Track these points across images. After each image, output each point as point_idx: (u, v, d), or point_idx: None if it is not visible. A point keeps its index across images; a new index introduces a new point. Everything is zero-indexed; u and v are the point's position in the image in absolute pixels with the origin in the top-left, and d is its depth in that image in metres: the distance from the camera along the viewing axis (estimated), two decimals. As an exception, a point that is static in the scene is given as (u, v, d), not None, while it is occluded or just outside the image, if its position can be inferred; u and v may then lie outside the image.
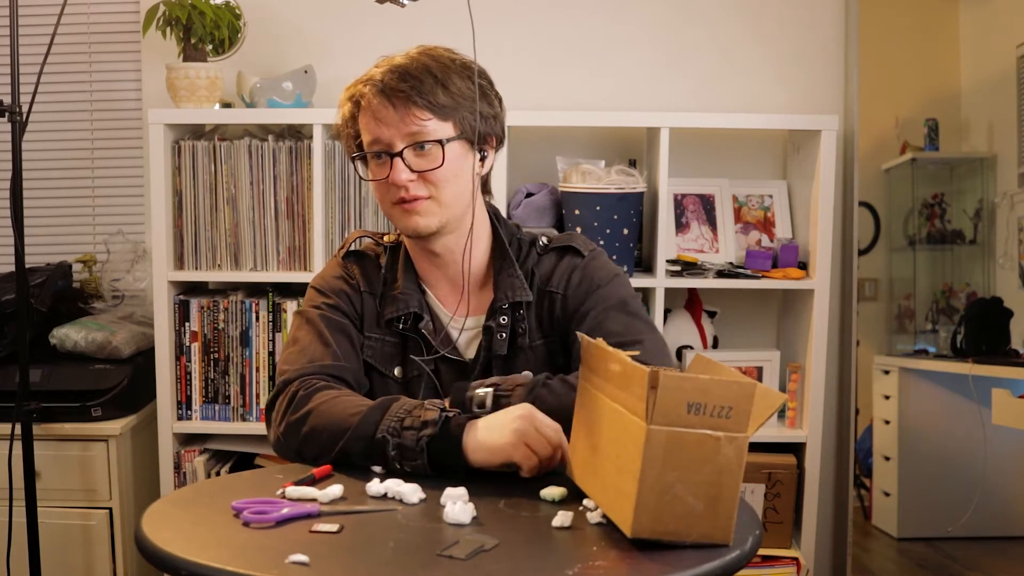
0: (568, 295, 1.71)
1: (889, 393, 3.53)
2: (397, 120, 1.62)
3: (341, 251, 1.81)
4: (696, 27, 2.95)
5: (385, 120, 1.63)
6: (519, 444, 1.44)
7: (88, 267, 2.99)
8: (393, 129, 1.63)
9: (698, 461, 1.15)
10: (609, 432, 1.26)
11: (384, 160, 1.65)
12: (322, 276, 1.80)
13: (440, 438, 1.46)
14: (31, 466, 2.42)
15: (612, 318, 1.66)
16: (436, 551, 1.16)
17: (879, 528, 3.61)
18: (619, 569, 1.13)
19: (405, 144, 1.63)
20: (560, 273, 1.73)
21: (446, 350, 1.71)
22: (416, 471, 1.47)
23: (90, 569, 2.60)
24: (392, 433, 1.48)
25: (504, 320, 1.69)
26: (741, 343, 2.95)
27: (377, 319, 1.74)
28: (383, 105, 1.62)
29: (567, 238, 1.78)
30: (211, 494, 1.42)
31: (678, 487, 1.16)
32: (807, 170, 2.73)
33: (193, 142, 2.67)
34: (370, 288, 1.76)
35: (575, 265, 1.73)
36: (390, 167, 1.64)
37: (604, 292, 1.69)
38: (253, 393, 2.69)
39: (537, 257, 1.76)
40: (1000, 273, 3.40)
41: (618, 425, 1.23)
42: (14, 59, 2.36)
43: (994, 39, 3.41)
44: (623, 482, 1.19)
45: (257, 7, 2.92)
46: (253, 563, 1.12)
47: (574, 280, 1.72)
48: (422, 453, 1.46)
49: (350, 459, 1.52)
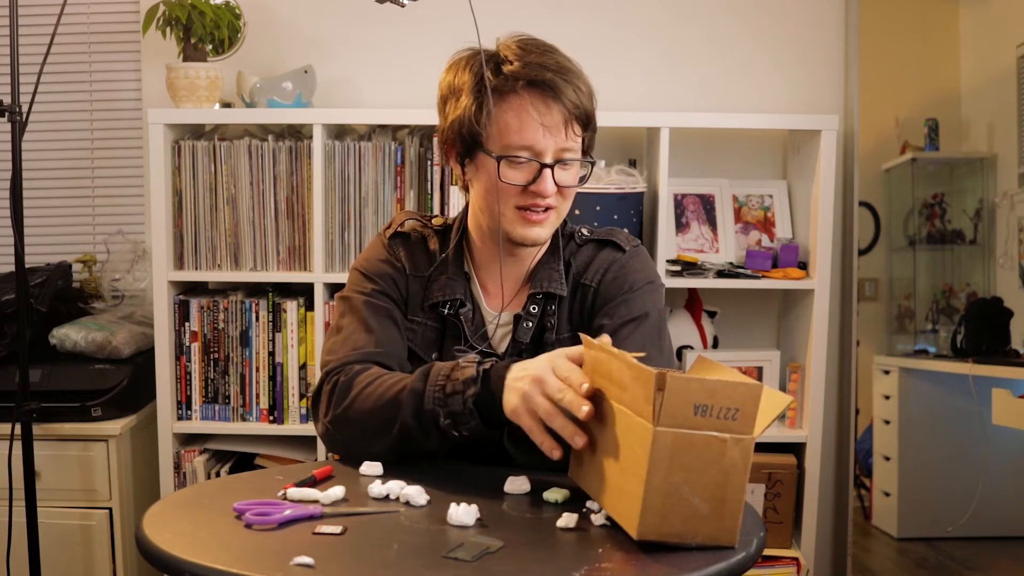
0: (600, 290, 1.67)
1: (889, 393, 3.54)
2: (559, 129, 1.57)
3: (387, 232, 1.75)
4: (696, 27, 2.95)
5: (548, 127, 1.56)
6: (524, 413, 1.38)
7: (88, 267, 2.99)
8: (550, 139, 1.56)
9: (704, 463, 1.15)
10: (613, 433, 1.25)
11: (527, 164, 1.58)
12: (365, 258, 1.73)
13: (483, 394, 1.43)
14: (31, 466, 2.41)
15: (631, 332, 1.62)
16: (441, 553, 1.15)
17: (879, 528, 3.62)
18: (625, 571, 1.13)
19: (555, 158, 1.58)
20: (597, 266, 1.69)
21: (482, 345, 1.67)
22: (474, 433, 1.45)
23: (90, 569, 2.60)
24: (439, 403, 1.45)
25: (534, 309, 1.66)
26: (741, 343, 2.95)
27: (421, 303, 1.70)
28: (548, 109, 1.56)
29: (608, 232, 1.74)
30: (212, 495, 1.42)
31: (684, 489, 1.15)
32: (807, 170, 2.73)
33: (193, 142, 2.66)
34: (416, 271, 1.71)
35: (613, 260, 1.69)
36: (535, 174, 1.57)
37: (632, 300, 1.65)
38: (253, 393, 2.69)
39: (576, 248, 1.72)
40: (1000, 273, 3.40)
41: (623, 426, 1.22)
42: (14, 59, 2.35)
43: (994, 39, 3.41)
44: (629, 484, 1.18)
45: (257, 7, 2.92)
46: (258, 565, 1.12)
47: (609, 276, 1.67)
48: (472, 415, 1.43)
49: (407, 440, 1.49)
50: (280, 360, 2.68)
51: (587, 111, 1.60)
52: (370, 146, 2.64)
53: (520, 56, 1.59)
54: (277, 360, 2.67)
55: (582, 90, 1.59)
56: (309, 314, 2.67)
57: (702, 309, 2.84)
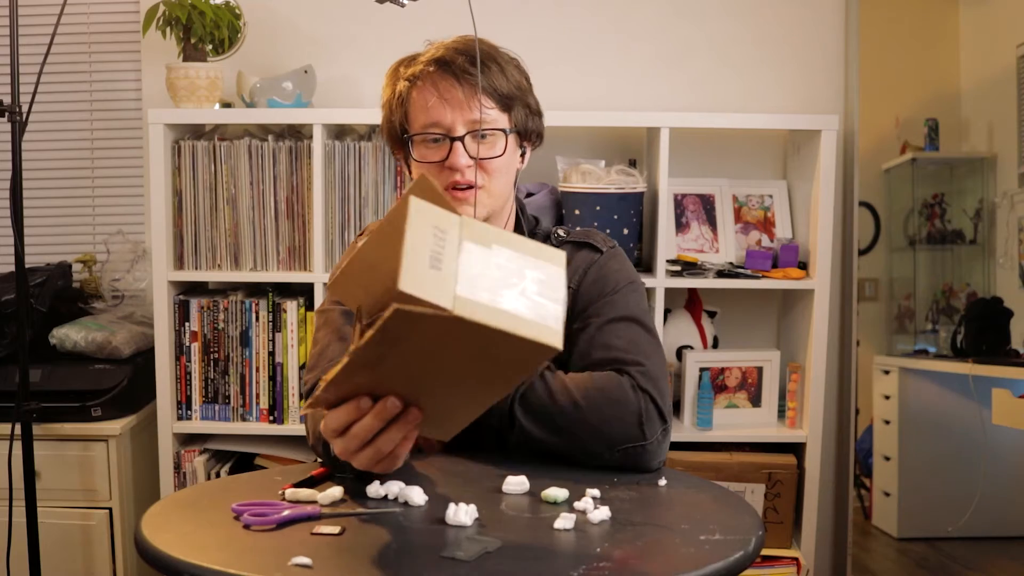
0: (580, 291, 1.66)
1: (889, 393, 3.54)
2: (463, 103, 1.60)
3: (360, 238, 1.76)
4: (696, 27, 2.95)
5: (451, 102, 1.60)
6: (351, 454, 1.31)
7: (88, 267, 2.99)
8: (457, 113, 1.60)
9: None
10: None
11: (441, 144, 1.62)
12: (337, 267, 1.77)
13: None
14: (31, 466, 2.41)
15: (616, 331, 1.61)
16: (439, 553, 1.15)
17: (879, 528, 3.62)
18: (623, 570, 1.13)
19: (467, 130, 1.61)
20: (575, 267, 1.68)
21: None
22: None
23: (90, 569, 2.60)
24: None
25: None
26: (741, 343, 2.95)
27: None
28: (452, 86, 1.60)
29: (585, 234, 1.74)
30: (210, 496, 1.42)
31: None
32: (807, 170, 2.73)
33: (193, 142, 2.67)
34: None
35: (592, 261, 1.69)
36: (448, 151, 1.61)
37: (614, 300, 1.64)
38: (253, 393, 2.69)
39: None
40: (1000, 273, 3.40)
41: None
42: (14, 59, 2.36)
43: (994, 39, 3.41)
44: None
45: (257, 7, 2.92)
46: (256, 565, 1.12)
47: (589, 277, 1.67)
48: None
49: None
50: (280, 360, 2.68)
51: (498, 87, 1.62)
52: (370, 146, 2.64)
53: (438, 47, 1.64)
54: (277, 360, 2.68)
55: (491, 68, 1.61)
56: (309, 314, 2.67)
57: (702, 309, 2.84)
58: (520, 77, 1.66)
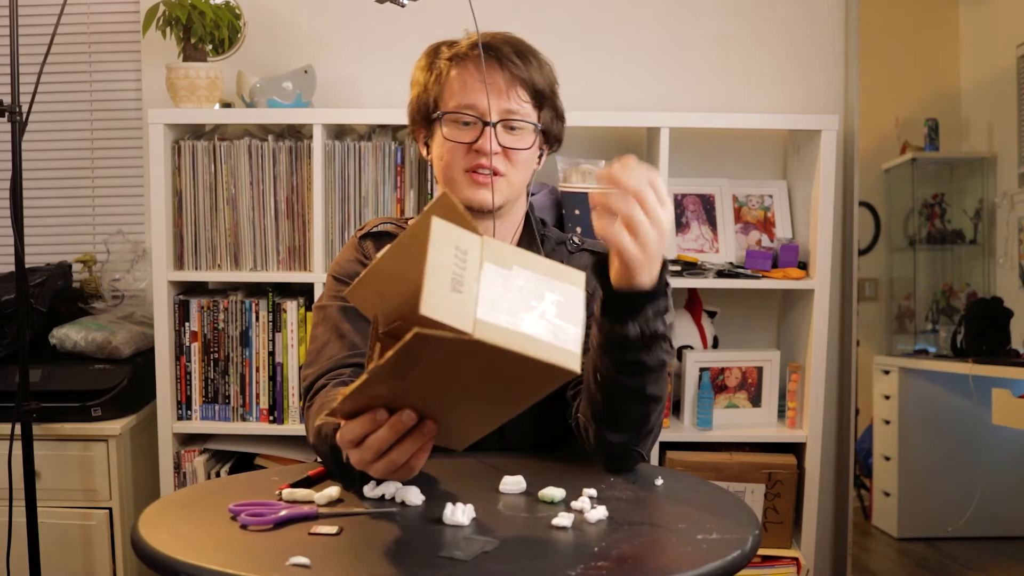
0: (596, 296, 1.63)
1: (889, 393, 3.54)
2: (502, 91, 1.62)
3: (359, 232, 1.77)
4: (696, 27, 2.95)
5: (491, 87, 1.61)
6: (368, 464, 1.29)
7: (88, 267, 2.99)
8: (494, 101, 1.62)
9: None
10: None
11: (472, 126, 1.64)
12: (337, 262, 1.76)
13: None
14: (31, 466, 2.42)
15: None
16: (437, 553, 1.16)
17: (879, 528, 3.62)
18: (621, 570, 1.13)
19: (500, 117, 1.63)
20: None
21: None
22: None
23: (90, 569, 2.60)
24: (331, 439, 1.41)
25: None
26: (741, 343, 2.95)
27: None
28: (494, 70, 1.62)
29: (600, 242, 1.74)
30: (208, 496, 1.42)
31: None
32: (807, 170, 2.73)
33: (193, 142, 2.67)
34: None
35: None
36: (479, 135, 1.62)
37: None
38: (253, 393, 2.69)
39: (568, 255, 1.74)
40: (1000, 273, 3.40)
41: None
42: (14, 59, 2.36)
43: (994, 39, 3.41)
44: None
45: (257, 7, 2.92)
46: (253, 565, 1.12)
47: None
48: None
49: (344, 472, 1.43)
50: (280, 360, 2.68)
51: (535, 82, 1.65)
52: (370, 146, 2.65)
53: (483, 35, 1.66)
54: (277, 360, 2.68)
55: (532, 63, 1.65)
56: (309, 314, 2.67)
57: (702, 309, 2.84)
58: (553, 79, 1.70)
